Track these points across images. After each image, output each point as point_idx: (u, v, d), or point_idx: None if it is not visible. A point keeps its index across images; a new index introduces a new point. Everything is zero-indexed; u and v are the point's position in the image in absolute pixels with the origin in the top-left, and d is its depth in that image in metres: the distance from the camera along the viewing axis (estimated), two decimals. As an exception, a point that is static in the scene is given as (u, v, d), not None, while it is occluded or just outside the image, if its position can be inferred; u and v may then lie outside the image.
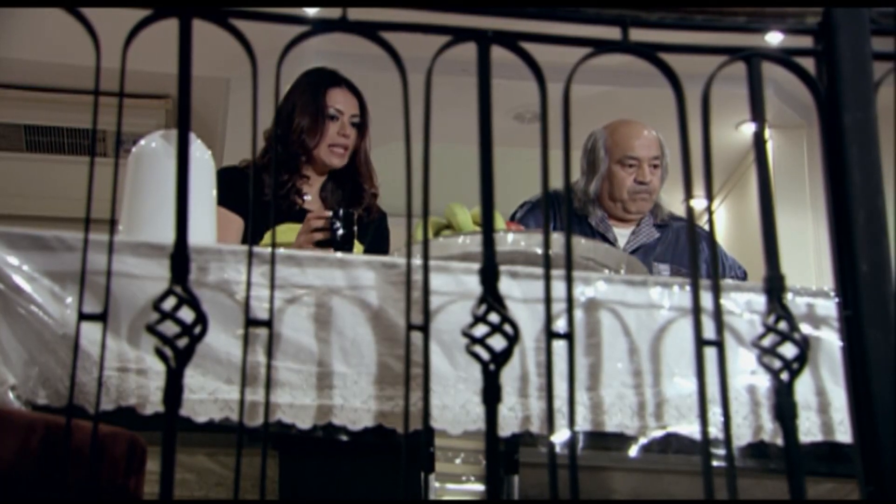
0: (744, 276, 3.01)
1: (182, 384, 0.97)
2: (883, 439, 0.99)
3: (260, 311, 1.43)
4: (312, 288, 1.50)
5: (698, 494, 1.00)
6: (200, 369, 1.43)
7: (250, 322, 1.06)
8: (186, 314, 0.97)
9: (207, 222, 1.80)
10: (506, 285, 1.49)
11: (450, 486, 1.52)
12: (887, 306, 1.03)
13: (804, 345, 1.02)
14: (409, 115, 1.07)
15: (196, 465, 1.75)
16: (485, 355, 1.00)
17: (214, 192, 1.87)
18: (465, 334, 1.01)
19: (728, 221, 6.13)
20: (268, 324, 1.07)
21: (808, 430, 1.52)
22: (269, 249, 1.14)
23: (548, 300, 1.05)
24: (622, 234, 2.99)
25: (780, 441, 1.46)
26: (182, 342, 0.96)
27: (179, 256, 0.99)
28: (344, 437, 1.46)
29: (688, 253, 2.85)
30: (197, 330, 0.97)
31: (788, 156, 5.49)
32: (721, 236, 6.08)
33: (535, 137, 1.08)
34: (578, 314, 1.53)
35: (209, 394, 1.43)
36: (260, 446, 1.03)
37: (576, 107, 1.11)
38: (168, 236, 1.03)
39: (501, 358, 1.00)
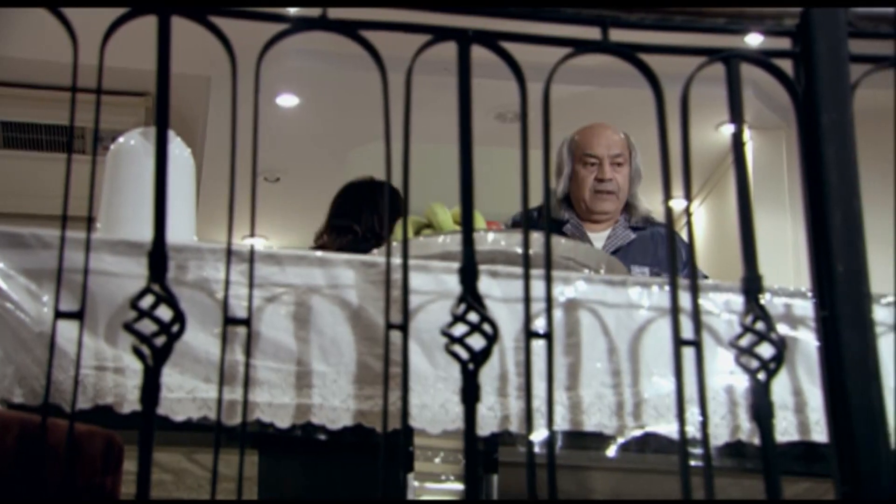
0: None
1: (160, 383, 0.96)
2: (858, 439, 1.00)
3: (239, 309, 1.42)
4: (292, 287, 1.49)
5: (676, 494, 1.01)
6: (178, 368, 1.43)
7: (229, 320, 1.06)
8: (164, 312, 0.96)
9: (186, 220, 1.79)
10: (485, 285, 1.49)
11: (429, 485, 1.52)
12: (863, 307, 1.03)
13: (781, 345, 1.03)
14: (390, 115, 1.07)
15: (173, 464, 1.74)
16: (464, 354, 1.00)
17: (194, 191, 1.86)
18: (445, 333, 1.01)
19: (707, 222, 6.17)
20: (246, 322, 1.06)
21: (785, 429, 1.53)
22: (249, 248, 1.14)
23: (527, 300, 1.05)
24: (598, 237, 2.98)
25: (757, 440, 1.47)
26: (160, 341, 0.96)
27: (157, 254, 0.98)
28: (323, 437, 1.46)
29: (665, 256, 2.86)
30: (175, 328, 0.96)
31: (767, 157, 5.53)
32: (700, 237, 6.11)
33: (516, 137, 1.08)
34: (558, 314, 1.53)
35: (187, 392, 1.43)
36: (238, 445, 1.03)
37: (556, 107, 1.11)
38: (146, 234, 1.03)
39: (481, 357, 1.00)
